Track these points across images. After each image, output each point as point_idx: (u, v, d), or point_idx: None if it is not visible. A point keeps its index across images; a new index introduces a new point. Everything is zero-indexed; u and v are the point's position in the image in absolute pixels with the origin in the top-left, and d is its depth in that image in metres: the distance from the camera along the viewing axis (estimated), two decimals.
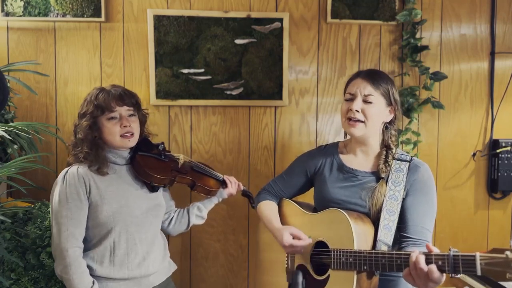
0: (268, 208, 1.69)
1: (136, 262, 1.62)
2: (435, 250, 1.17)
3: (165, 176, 1.71)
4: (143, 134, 1.77)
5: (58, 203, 1.56)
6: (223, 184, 1.88)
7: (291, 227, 1.56)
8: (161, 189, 1.75)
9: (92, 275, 1.55)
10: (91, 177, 1.59)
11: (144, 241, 1.64)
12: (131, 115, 1.66)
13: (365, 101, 1.46)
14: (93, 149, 1.60)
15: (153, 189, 1.70)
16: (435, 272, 1.13)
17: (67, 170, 1.61)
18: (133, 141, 1.67)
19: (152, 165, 1.71)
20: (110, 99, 1.61)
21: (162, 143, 1.80)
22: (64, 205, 1.54)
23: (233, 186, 1.88)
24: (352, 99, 1.48)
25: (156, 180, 1.68)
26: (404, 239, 1.40)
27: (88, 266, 1.56)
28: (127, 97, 1.64)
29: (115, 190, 1.61)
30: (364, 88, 1.47)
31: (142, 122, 1.74)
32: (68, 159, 1.68)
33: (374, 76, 1.49)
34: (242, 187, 1.91)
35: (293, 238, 1.51)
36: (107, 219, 1.57)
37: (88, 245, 1.60)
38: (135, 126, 1.66)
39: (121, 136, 1.62)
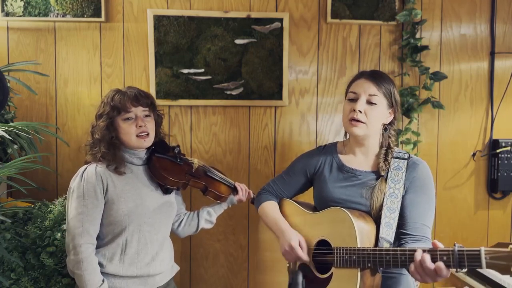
0: (272, 209, 1.69)
1: (146, 261, 1.64)
2: (441, 246, 1.19)
3: (179, 179, 1.73)
4: (159, 134, 1.79)
5: (74, 200, 1.58)
6: (234, 190, 1.90)
7: (301, 236, 1.56)
8: (174, 192, 1.77)
9: (100, 271, 1.57)
10: (109, 175, 1.62)
11: (155, 242, 1.67)
12: (146, 116, 1.69)
13: (369, 102, 1.48)
14: (110, 149, 1.63)
15: (166, 191, 1.72)
16: (444, 269, 1.16)
17: (86, 168, 1.64)
18: (148, 141, 1.69)
19: (167, 167, 1.73)
20: (125, 100, 1.64)
21: (178, 146, 1.83)
22: (81, 201, 1.57)
23: (244, 193, 1.90)
24: (355, 99, 1.49)
25: (170, 183, 1.70)
26: (403, 236, 1.41)
27: (98, 263, 1.58)
28: (142, 98, 1.67)
29: (131, 189, 1.64)
30: (369, 88, 1.48)
31: (158, 123, 1.77)
32: (86, 158, 1.70)
33: (377, 77, 1.51)
34: (252, 195, 1.92)
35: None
36: (122, 217, 1.59)
37: (101, 242, 1.62)
38: (150, 126, 1.69)
39: (137, 136, 1.65)
